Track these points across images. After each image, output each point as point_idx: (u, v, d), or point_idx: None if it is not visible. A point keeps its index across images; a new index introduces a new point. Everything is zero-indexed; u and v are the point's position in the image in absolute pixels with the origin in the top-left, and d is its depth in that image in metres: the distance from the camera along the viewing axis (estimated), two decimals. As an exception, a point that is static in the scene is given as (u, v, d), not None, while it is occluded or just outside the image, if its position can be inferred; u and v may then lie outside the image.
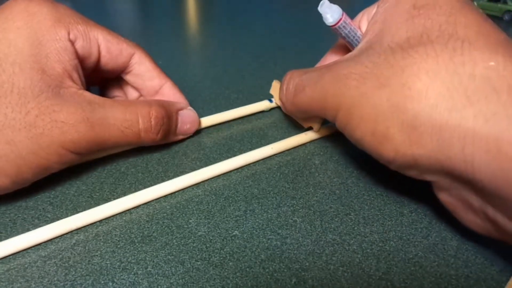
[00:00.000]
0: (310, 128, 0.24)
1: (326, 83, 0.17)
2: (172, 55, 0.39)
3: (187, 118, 0.23)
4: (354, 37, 0.19)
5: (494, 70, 0.12)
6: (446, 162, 0.13)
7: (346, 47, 0.23)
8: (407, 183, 0.20)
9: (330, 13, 0.18)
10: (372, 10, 0.19)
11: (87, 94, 0.18)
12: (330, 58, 0.24)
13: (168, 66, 0.24)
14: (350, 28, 0.19)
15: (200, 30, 0.50)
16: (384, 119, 0.15)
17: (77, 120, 0.17)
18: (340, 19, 0.18)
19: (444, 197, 0.16)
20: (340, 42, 0.23)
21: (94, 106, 0.18)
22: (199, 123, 0.25)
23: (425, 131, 0.13)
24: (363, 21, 0.20)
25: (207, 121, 0.25)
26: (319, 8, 0.18)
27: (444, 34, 0.14)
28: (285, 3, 0.63)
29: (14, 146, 0.16)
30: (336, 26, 0.18)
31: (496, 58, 0.13)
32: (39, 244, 0.17)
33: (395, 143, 0.15)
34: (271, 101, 0.28)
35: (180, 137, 0.24)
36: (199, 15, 0.57)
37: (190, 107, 0.24)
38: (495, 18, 0.58)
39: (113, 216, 0.19)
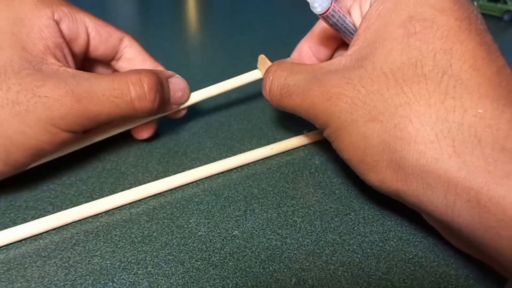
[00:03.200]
0: (310, 130, 0.24)
1: (315, 97, 0.17)
2: (172, 55, 0.39)
3: (177, 86, 0.22)
4: (342, 24, 0.19)
5: (482, 118, 0.13)
6: (428, 203, 0.14)
7: (325, 34, 0.22)
8: (407, 183, 0.20)
9: (319, 2, 0.18)
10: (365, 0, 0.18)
11: (71, 69, 0.18)
12: (317, 40, 0.22)
13: (168, 66, 0.24)
14: (339, 16, 0.18)
15: (200, 30, 0.50)
16: (373, 153, 0.15)
17: (61, 94, 0.16)
18: (329, 8, 0.18)
19: (428, 220, 0.17)
20: (320, 26, 0.22)
21: (79, 79, 0.17)
22: (189, 93, 0.23)
23: (411, 173, 0.14)
24: (355, 9, 0.19)
25: (200, 94, 0.24)
26: None
27: (439, 67, 0.14)
28: (285, 3, 0.63)
29: None
30: (325, 14, 0.18)
31: (485, 103, 0.13)
32: (39, 243, 0.17)
33: (381, 176, 0.15)
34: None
35: (175, 107, 0.23)
36: (199, 15, 0.57)
37: (177, 75, 0.23)
38: (495, 18, 0.58)
39: (112, 213, 0.19)
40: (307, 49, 0.23)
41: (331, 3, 0.18)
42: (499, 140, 0.13)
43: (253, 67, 0.24)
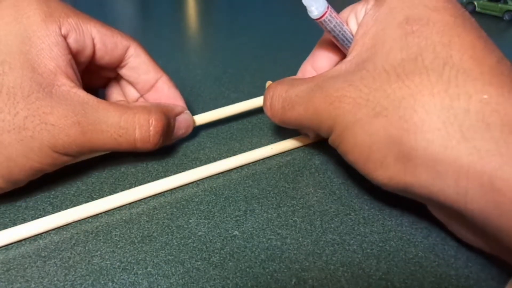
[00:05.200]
0: (306, 135, 0.24)
1: (318, 104, 0.17)
2: (172, 55, 0.39)
3: (183, 123, 0.23)
4: (340, 31, 0.19)
5: (488, 104, 0.13)
6: (439, 193, 0.14)
7: (333, 43, 0.22)
8: (407, 183, 0.20)
9: (315, 6, 0.18)
10: (360, 8, 0.19)
11: (81, 93, 0.18)
12: (319, 58, 0.23)
13: (168, 66, 0.24)
14: (336, 22, 0.18)
15: (200, 30, 0.50)
16: (379, 148, 0.15)
17: (68, 124, 0.17)
18: (326, 12, 0.18)
19: (436, 213, 0.17)
20: (325, 38, 0.23)
21: (87, 109, 0.17)
22: (192, 128, 0.24)
23: (420, 164, 0.14)
24: (351, 18, 0.19)
25: (203, 118, 0.24)
26: (303, 1, 0.18)
27: (439, 59, 0.14)
28: (285, 3, 0.63)
29: (4, 148, 0.16)
30: (321, 19, 0.18)
31: (489, 90, 0.13)
32: (38, 243, 0.17)
33: (389, 172, 0.15)
34: None
35: (173, 140, 0.23)
36: (199, 15, 0.57)
37: (187, 111, 0.23)
38: (495, 18, 0.58)
39: (111, 214, 0.19)
40: (310, 69, 0.23)
41: (328, 8, 0.18)
42: (509, 123, 0.12)
43: (253, 67, 0.24)
